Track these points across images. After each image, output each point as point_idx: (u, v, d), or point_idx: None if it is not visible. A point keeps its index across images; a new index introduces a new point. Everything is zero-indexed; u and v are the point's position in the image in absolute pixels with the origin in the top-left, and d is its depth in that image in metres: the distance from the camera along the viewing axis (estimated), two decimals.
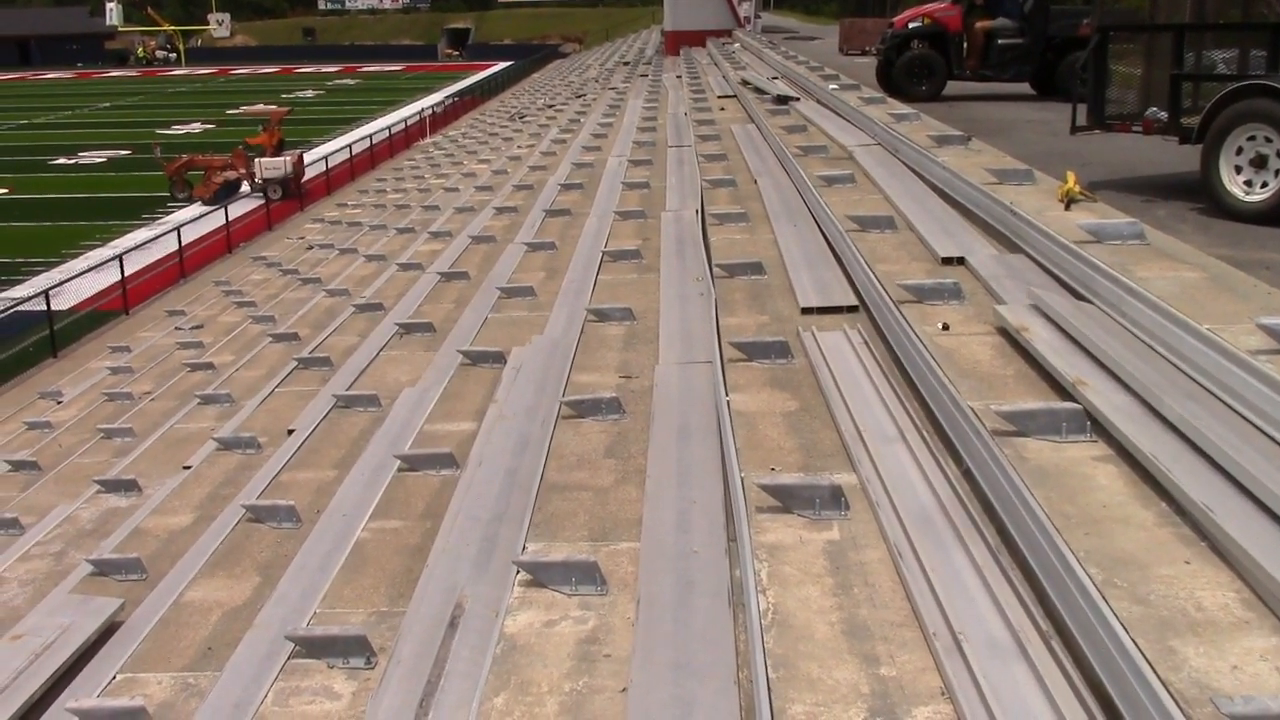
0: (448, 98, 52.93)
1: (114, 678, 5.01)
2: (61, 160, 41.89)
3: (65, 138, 48.89)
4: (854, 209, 9.77)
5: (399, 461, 6.53)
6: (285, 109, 38.33)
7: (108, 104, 65.33)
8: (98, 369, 14.50)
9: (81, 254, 26.39)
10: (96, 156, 42.83)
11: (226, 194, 31.50)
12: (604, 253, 10.43)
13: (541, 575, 4.70)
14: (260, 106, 38.73)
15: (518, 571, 4.79)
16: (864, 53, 32.95)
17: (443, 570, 4.96)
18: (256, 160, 31.82)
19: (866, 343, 6.84)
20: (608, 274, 9.90)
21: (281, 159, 31.98)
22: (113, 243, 27.22)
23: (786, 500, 4.87)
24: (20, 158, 42.88)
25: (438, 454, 6.50)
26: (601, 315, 8.49)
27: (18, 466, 9.96)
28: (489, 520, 5.39)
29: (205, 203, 31.01)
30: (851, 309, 7.69)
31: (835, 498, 4.82)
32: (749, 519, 4.77)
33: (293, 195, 30.77)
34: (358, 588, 5.27)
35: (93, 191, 33.72)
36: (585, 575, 4.64)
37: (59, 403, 13.20)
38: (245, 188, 31.96)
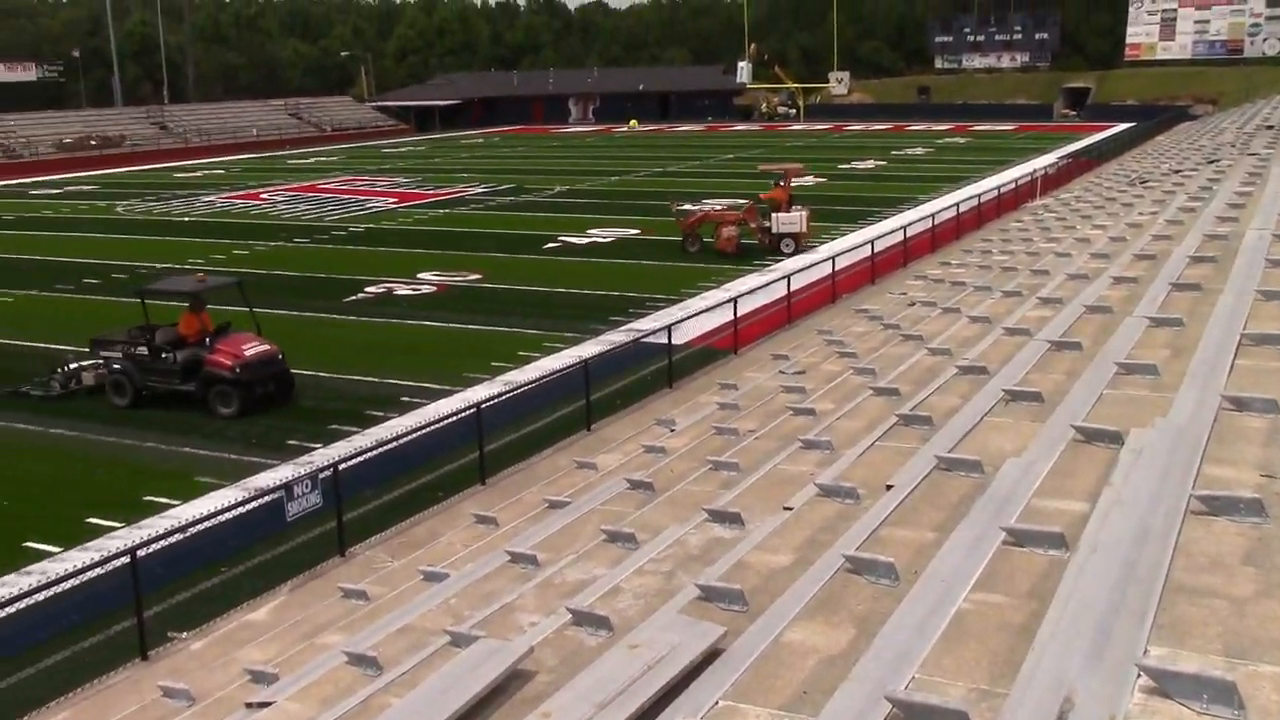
0: (1061, 159, 51.41)
1: (716, 703, 5.24)
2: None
3: (690, 185, 53.30)
4: None
5: (1004, 534, 6.31)
6: (799, 167, 39.79)
7: (730, 155, 70.43)
8: (707, 403, 15.49)
9: (698, 294, 28.54)
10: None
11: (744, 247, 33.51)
12: (1243, 335, 9.49)
13: (1168, 685, 4.29)
14: (778, 165, 40.60)
15: (1139, 675, 4.41)
16: None
17: (1051, 658, 4.70)
18: (773, 215, 33.35)
19: None
20: (1246, 358, 8.99)
21: (796, 214, 33.92)
22: (726, 285, 29.21)
23: None
24: (650, 202, 47.32)
25: (1047, 532, 6.19)
26: (1239, 404, 7.71)
27: (635, 485, 10.86)
28: (1104, 612, 5.04)
29: (727, 255, 32.95)
30: None
31: None
32: None
33: (801, 249, 32.74)
34: (958, 659, 5.13)
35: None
36: (1221, 694, 4.17)
37: (672, 431, 14.26)
38: (757, 242, 34.17)
